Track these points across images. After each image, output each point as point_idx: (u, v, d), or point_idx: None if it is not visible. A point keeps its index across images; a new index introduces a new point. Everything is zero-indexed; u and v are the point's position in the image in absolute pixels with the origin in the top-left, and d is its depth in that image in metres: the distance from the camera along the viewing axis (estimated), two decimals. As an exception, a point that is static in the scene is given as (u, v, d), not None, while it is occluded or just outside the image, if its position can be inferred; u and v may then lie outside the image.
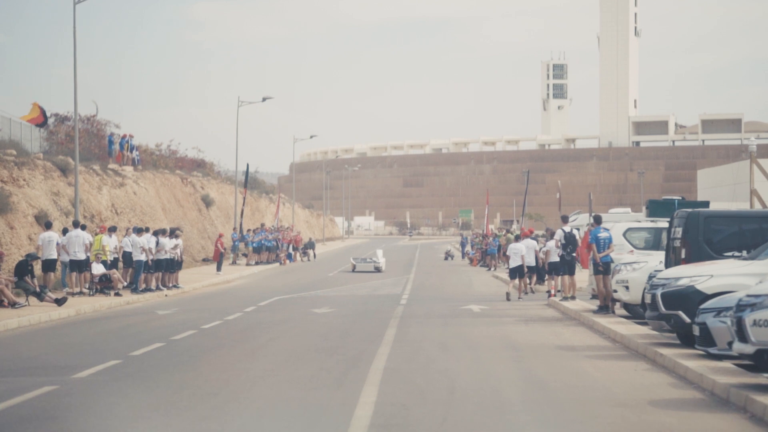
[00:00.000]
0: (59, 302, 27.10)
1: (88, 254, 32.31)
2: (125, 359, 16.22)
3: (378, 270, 55.63)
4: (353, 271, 55.40)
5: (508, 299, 31.45)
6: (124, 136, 56.12)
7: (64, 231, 33.22)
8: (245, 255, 61.07)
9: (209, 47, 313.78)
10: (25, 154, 42.80)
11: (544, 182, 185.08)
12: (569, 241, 27.60)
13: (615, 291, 22.75)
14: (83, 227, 34.72)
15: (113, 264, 33.26)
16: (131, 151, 55.49)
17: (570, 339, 19.75)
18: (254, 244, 60.68)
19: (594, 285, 25.26)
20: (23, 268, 27.68)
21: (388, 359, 16.19)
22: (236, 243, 60.84)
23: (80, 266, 31.88)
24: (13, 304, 26.11)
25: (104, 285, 32.19)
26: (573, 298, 27.67)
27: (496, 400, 12.32)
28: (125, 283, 33.29)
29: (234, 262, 59.49)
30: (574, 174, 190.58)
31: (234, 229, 62.70)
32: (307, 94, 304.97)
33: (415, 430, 10.33)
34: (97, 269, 32.27)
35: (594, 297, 26.00)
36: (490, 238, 58.23)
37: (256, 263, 59.40)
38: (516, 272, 33.38)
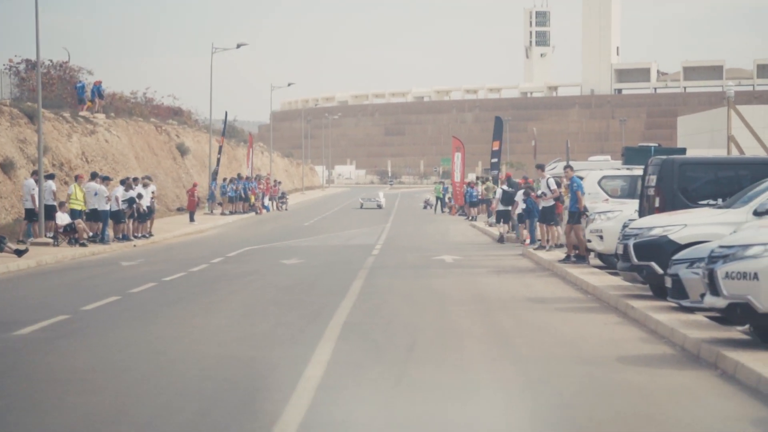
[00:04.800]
0: (19, 253, 26.35)
1: (54, 203, 31.56)
2: (74, 314, 15.52)
3: (380, 207, 74.25)
4: (361, 208, 73.93)
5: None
6: (95, 83, 54.98)
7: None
8: (221, 204, 60.28)
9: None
10: (-11, 100, 41.80)
11: (526, 130, 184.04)
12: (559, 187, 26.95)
13: (589, 241, 22.17)
14: (51, 176, 33.96)
15: (79, 213, 32.45)
16: (100, 98, 54.35)
17: (541, 291, 19.17)
18: (230, 194, 59.91)
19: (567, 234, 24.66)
20: (-19, 219, 26.91)
21: (350, 314, 15.56)
22: (212, 192, 60.02)
23: (46, 215, 31.16)
24: (-30, 256, 25.37)
25: (69, 235, 31.43)
26: (549, 247, 27.06)
27: (457, 358, 11.71)
28: (90, 233, 32.51)
29: (211, 212, 58.72)
30: (556, 122, 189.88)
31: (213, 178, 61.74)
32: (286, 43, 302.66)
33: (365, 395, 9.69)
34: (62, 219, 31.49)
35: (557, 246, 25.43)
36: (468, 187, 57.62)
37: (232, 213, 58.65)
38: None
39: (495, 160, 53.57)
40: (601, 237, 21.63)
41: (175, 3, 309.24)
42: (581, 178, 23.97)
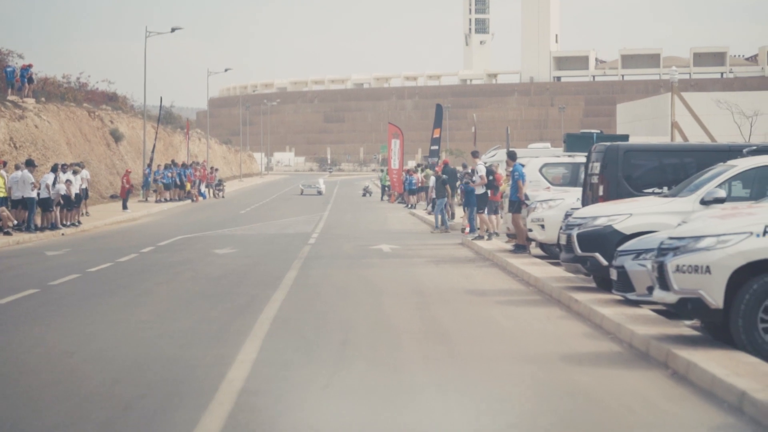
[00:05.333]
0: (-62, 243, 25.21)
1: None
2: (-16, 310, 14.58)
3: (320, 193, 75.46)
4: (301, 194, 74.71)
5: None
6: (23, 67, 53.45)
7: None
8: (155, 191, 58.98)
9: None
10: None
11: (465, 117, 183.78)
12: (492, 176, 26.33)
13: (530, 230, 21.54)
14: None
15: (2, 201, 31.24)
16: (30, 83, 52.84)
17: (481, 282, 18.50)
18: (164, 181, 58.69)
19: (508, 223, 24.04)
20: None
21: (281, 307, 14.76)
22: (147, 179, 58.67)
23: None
24: None
25: (-7, 224, 30.25)
26: (491, 236, 26.43)
27: (391, 357, 10.96)
28: (15, 222, 31.32)
29: (145, 199, 57.43)
30: (496, 109, 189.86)
31: (148, 165, 60.27)
32: (223, 28, 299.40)
33: (291, 399, 8.90)
34: (-15, 207, 30.30)
35: (509, 236, 24.80)
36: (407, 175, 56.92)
37: (167, 200, 57.44)
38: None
39: (435, 147, 52.94)
40: (542, 226, 21.03)
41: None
42: (522, 166, 23.34)
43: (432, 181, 35.06)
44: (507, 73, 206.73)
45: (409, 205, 53.51)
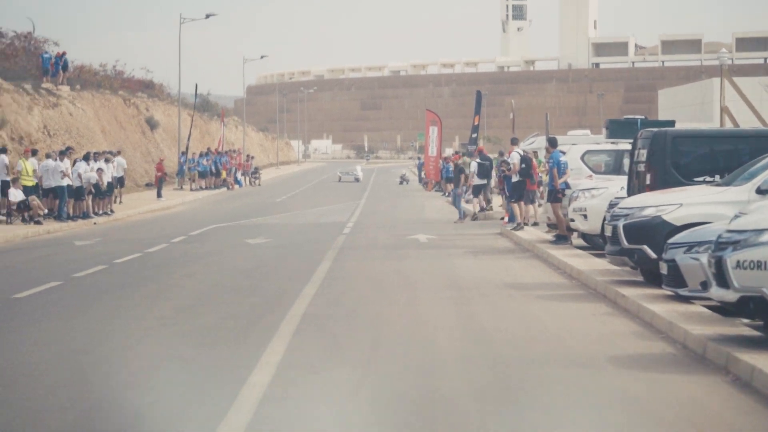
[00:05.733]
0: (-35, 233, 24.72)
1: (8, 178, 29.94)
2: (2, 304, 13.94)
3: (357, 180, 76.28)
4: (339, 181, 75.94)
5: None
6: (58, 54, 53.08)
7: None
8: (192, 180, 58.43)
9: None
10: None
11: (503, 105, 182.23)
12: (527, 164, 25.42)
13: (572, 220, 20.66)
14: (3, 150, 32.27)
15: (33, 190, 30.76)
16: (65, 70, 52.45)
17: (521, 275, 17.67)
18: (199, 168, 58.12)
19: (550, 213, 23.17)
20: None
21: (311, 302, 14.03)
22: (182, 167, 58.13)
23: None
24: None
25: (23, 212, 29.75)
26: (521, 227, 25.55)
27: (426, 359, 10.18)
28: (45, 211, 30.82)
29: (180, 187, 56.91)
30: (533, 96, 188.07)
31: (183, 152, 59.70)
32: (260, 15, 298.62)
33: (316, 408, 8.17)
34: (15, 196, 29.78)
35: (550, 226, 23.93)
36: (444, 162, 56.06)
37: (202, 188, 56.89)
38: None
39: (474, 135, 52.01)
40: (585, 216, 20.14)
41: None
42: (562, 153, 22.45)
43: (473, 167, 34.20)
44: (545, 59, 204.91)
45: (446, 194, 52.65)
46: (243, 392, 8.55)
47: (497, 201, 36.36)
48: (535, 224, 26.91)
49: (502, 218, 30.22)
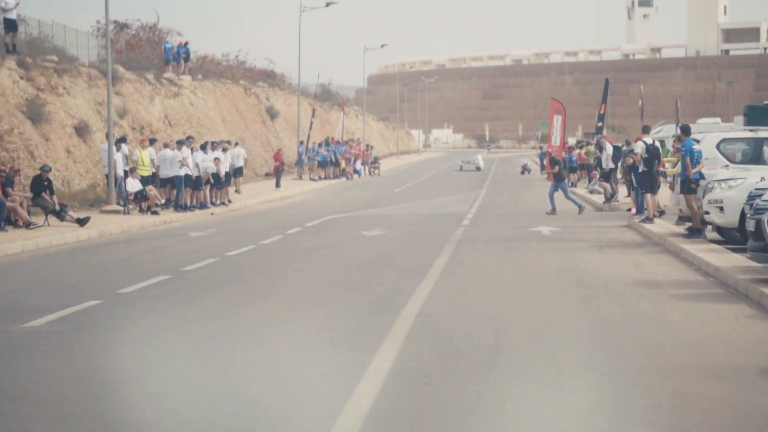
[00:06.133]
0: (81, 222, 24.50)
1: (125, 168, 29.85)
2: (106, 300, 13.36)
3: (478, 169, 77.05)
4: (460, 170, 75.43)
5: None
6: (180, 44, 53.26)
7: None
8: (311, 169, 58.06)
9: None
10: (69, 60, 40.09)
11: (628, 93, 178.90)
12: (652, 154, 24.07)
13: (707, 213, 19.35)
14: (123, 139, 32.25)
15: (151, 179, 30.57)
16: (186, 60, 52.59)
17: (652, 271, 16.49)
18: (318, 158, 57.68)
19: (681, 205, 21.84)
20: (39, 184, 25.05)
21: (427, 301, 13.15)
22: (301, 157, 57.81)
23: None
24: (27, 225, 23.54)
25: (140, 202, 29.56)
26: (650, 219, 24.22)
27: (551, 368, 9.18)
28: (163, 200, 30.60)
29: (300, 177, 56.61)
30: (660, 84, 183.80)
31: (300, 142, 59.41)
32: (383, 5, 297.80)
33: (428, 426, 7.28)
34: (133, 185, 29.60)
35: (681, 219, 22.59)
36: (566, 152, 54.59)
37: (321, 178, 56.48)
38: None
39: (600, 123, 50.43)
40: (721, 208, 18.83)
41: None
42: (696, 141, 21.11)
43: (608, 153, 33.02)
44: (671, 47, 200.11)
45: (570, 183, 51.26)
46: (347, 409, 7.70)
47: (622, 191, 35.03)
48: (662, 213, 25.59)
49: (629, 209, 28.94)
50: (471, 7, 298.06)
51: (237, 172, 43.41)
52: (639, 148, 24.22)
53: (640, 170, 24.35)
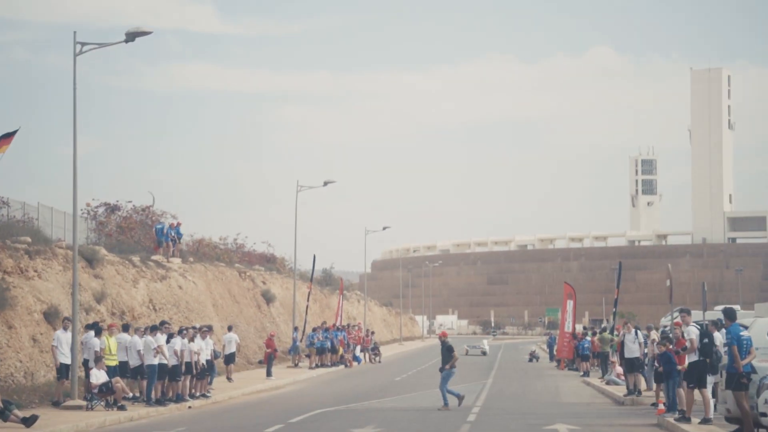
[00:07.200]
0: (27, 422, 21.27)
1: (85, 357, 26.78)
2: None
3: (484, 354, 78.22)
4: (466, 354, 75.62)
5: None
6: (172, 225, 50.88)
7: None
8: (308, 356, 54.75)
9: (283, 142, 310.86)
10: (45, 242, 37.43)
11: (635, 280, 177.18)
12: (709, 339, 20.48)
13: (762, 414, 16.19)
14: (94, 326, 29.20)
15: (116, 370, 27.43)
16: (177, 241, 50.12)
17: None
18: (317, 344, 54.40)
19: (730, 404, 18.65)
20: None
21: None
22: (296, 343, 54.57)
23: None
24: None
25: (106, 396, 26.31)
26: (687, 418, 20.95)
27: None
28: (129, 394, 27.39)
29: (296, 365, 53.27)
30: (665, 271, 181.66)
31: (295, 327, 56.27)
32: (388, 194, 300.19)
33: None
34: (97, 377, 26.41)
35: (729, 420, 19.33)
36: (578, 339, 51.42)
37: (317, 366, 53.07)
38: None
39: (614, 309, 47.56)
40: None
41: (266, 152, 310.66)
42: (744, 327, 18.12)
43: (642, 344, 29.92)
44: (677, 233, 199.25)
45: (582, 373, 47.97)
46: None
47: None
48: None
49: (653, 404, 25.78)
50: (475, 194, 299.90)
51: (229, 359, 40.39)
52: (693, 333, 20.74)
53: (692, 360, 20.71)
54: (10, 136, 32.93)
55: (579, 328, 70.82)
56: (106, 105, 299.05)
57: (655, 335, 30.62)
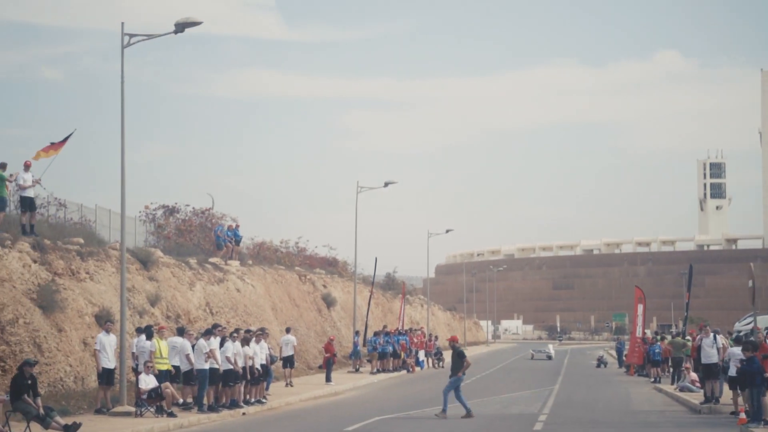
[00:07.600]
0: (69, 429, 20.19)
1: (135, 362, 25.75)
2: None
3: (549, 358, 78.71)
4: (532, 358, 77.26)
5: None
6: (230, 227, 49.94)
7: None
8: (370, 361, 53.50)
9: (355, 150, 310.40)
10: (98, 243, 36.55)
11: (704, 285, 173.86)
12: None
13: None
14: (147, 329, 28.06)
15: (167, 374, 26.35)
16: (236, 243, 49.16)
17: None
18: (378, 349, 53.12)
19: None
20: (20, 383, 20.74)
21: None
22: (357, 347, 53.32)
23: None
24: (2, 434, 19.35)
25: (155, 402, 25.23)
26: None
27: None
28: (180, 400, 26.29)
29: (357, 369, 52.07)
30: (736, 276, 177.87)
31: (356, 332, 55.04)
32: (452, 199, 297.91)
33: None
34: (146, 382, 25.34)
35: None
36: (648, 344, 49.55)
37: (378, 371, 51.77)
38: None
39: (686, 313, 45.75)
40: None
41: (338, 160, 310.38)
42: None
43: (720, 349, 28.13)
44: (748, 238, 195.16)
45: (653, 379, 46.14)
46: None
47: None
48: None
49: (732, 412, 24.15)
50: (539, 196, 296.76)
51: (287, 362, 39.12)
52: None
53: None
54: (65, 139, 32.27)
55: (648, 332, 68.84)
56: (176, 111, 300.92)
57: (723, 341, 29.00)
